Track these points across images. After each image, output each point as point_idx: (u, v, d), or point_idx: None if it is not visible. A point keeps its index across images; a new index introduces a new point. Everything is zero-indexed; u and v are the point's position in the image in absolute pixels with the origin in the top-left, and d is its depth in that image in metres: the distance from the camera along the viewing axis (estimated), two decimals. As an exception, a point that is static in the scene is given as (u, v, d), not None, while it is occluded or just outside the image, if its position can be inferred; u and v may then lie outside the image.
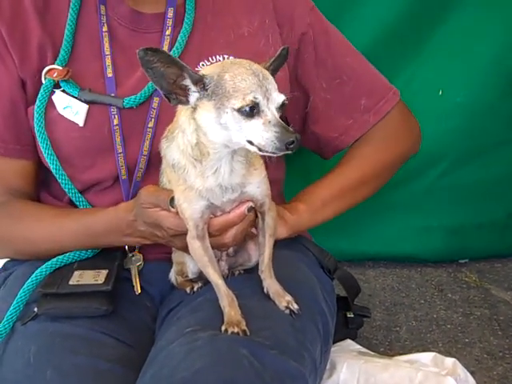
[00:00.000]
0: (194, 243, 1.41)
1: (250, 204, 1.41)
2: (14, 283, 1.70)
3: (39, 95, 1.67)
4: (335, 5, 2.46)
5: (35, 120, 1.66)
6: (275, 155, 1.28)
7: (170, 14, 1.72)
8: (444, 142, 2.72)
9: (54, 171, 1.69)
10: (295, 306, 1.45)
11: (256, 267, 1.53)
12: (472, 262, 2.94)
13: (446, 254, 2.93)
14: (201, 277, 1.59)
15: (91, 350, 1.48)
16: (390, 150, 1.96)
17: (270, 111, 1.25)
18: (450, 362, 1.97)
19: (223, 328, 1.35)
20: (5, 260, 1.87)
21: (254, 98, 1.24)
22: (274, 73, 1.35)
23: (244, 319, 1.37)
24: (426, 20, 2.57)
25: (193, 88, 1.30)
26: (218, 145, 1.33)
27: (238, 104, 1.24)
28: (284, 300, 1.46)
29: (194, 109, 1.32)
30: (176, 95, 1.31)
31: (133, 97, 1.65)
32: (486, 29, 2.56)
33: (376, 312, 2.52)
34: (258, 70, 1.28)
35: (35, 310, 1.56)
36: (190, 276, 1.61)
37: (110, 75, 1.68)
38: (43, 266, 1.64)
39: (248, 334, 1.34)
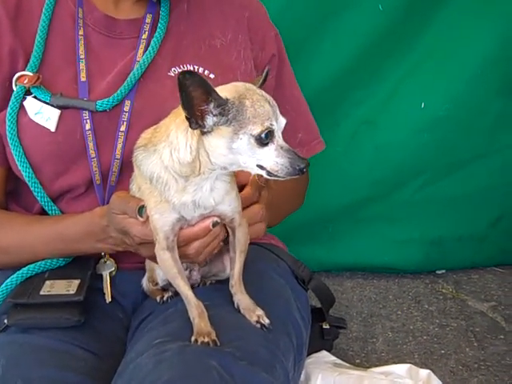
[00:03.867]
0: (163, 254, 1.40)
1: (216, 219, 1.40)
2: None
3: (10, 102, 1.65)
4: (318, 16, 2.51)
5: (7, 127, 1.64)
6: (283, 179, 1.30)
7: (148, 19, 1.73)
8: (424, 154, 2.75)
9: (26, 179, 1.66)
10: (266, 321, 1.44)
11: (227, 278, 1.52)
12: (449, 272, 2.97)
13: (424, 264, 2.95)
14: (171, 284, 1.57)
15: (61, 362, 1.46)
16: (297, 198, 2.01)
17: (280, 136, 1.29)
18: (424, 373, 1.98)
19: (193, 338, 1.34)
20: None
21: (271, 124, 1.27)
22: None
23: (214, 330, 1.36)
24: (409, 33, 2.60)
25: (214, 111, 1.28)
26: (216, 166, 1.32)
27: (256, 130, 1.26)
28: (255, 315, 1.45)
29: (205, 132, 1.30)
30: (195, 119, 1.28)
31: (105, 100, 1.64)
32: (468, 43, 2.60)
33: (353, 323, 2.54)
34: (267, 95, 1.31)
35: (5, 321, 1.54)
36: (160, 283, 1.60)
37: (83, 79, 1.67)
38: (13, 276, 1.62)
39: (218, 344, 1.33)
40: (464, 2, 2.55)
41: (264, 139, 1.26)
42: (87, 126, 1.63)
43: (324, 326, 2.01)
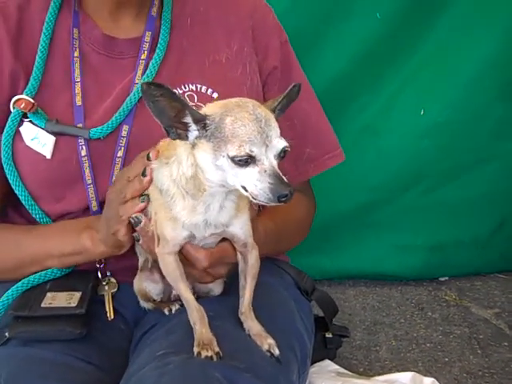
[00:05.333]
0: (167, 257, 1.39)
1: None
2: None
3: (7, 126, 1.63)
4: (317, 25, 2.51)
5: (2, 152, 1.63)
6: (267, 205, 1.25)
7: (147, 38, 1.69)
8: (425, 160, 2.76)
9: (24, 202, 1.66)
10: (276, 352, 1.40)
11: (232, 289, 1.52)
12: (452, 279, 2.97)
13: (427, 271, 2.95)
14: (165, 299, 1.59)
15: (63, 376, 1.45)
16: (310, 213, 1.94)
17: (268, 160, 1.22)
18: (428, 381, 1.97)
19: (196, 350, 1.32)
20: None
21: (250, 150, 1.21)
22: (281, 112, 1.32)
23: (215, 337, 1.35)
24: (407, 40, 2.61)
25: (193, 126, 1.27)
26: (214, 184, 1.31)
27: (232, 152, 1.22)
28: (266, 343, 1.41)
29: (193, 145, 1.29)
30: (176, 129, 1.28)
31: (99, 127, 1.61)
32: (467, 48, 2.61)
33: (356, 331, 2.52)
34: (261, 114, 1.24)
35: (6, 334, 1.52)
36: (156, 298, 1.58)
37: (78, 104, 1.64)
38: (13, 288, 1.61)
39: (221, 355, 1.31)
40: (462, 9, 2.56)
41: (243, 163, 1.22)
42: (83, 153, 1.62)
43: (327, 335, 2.00)
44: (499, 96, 2.69)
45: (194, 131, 1.27)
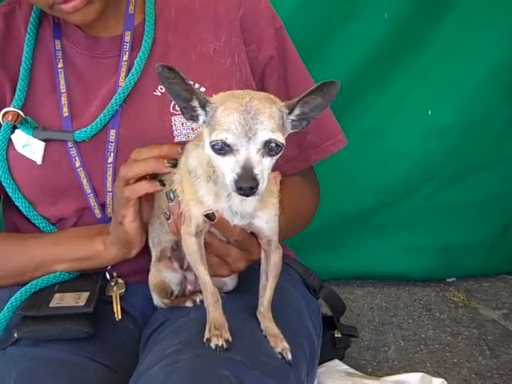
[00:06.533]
0: (188, 239, 1.39)
1: None
2: None
3: None
4: (325, 25, 2.50)
5: None
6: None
7: (127, 37, 1.65)
8: (433, 162, 2.74)
9: (22, 209, 1.67)
10: (289, 357, 1.39)
11: (243, 286, 1.53)
12: (460, 280, 2.96)
13: (434, 272, 2.93)
14: (183, 292, 1.58)
15: (73, 375, 1.45)
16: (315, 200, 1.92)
17: (247, 151, 1.21)
18: (437, 382, 1.96)
19: (206, 335, 1.32)
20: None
21: (225, 138, 1.21)
22: (305, 105, 1.27)
23: (227, 321, 1.35)
24: (415, 41, 2.59)
25: (199, 110, 1.29)
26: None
27: (211, 138, 1.23)
28: (280, 345, 1.40)
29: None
30: (190, 111, 1.30)
31: (83, 130, 1.60)
32: (475, 49, 2.58)
33: (364, 332, 2.52)
34: (254, 107, 1.22)
35: (15, 335, 1.53)
36: (174, 288, 1.57)
37: (65, 114, 1.63)
38: (22, 289, 1.61)
39: (230, 340, 1.32)
40: (470, 10, 2.54)
41: (219, 150, 1.22)
42: (75, 157, 1.62)
43: (336, 335, 2.00)
44: (507, 98, 2.67)
45: (201, 115, 1.29)
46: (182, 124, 1.63)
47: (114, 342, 1.60)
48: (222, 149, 1.22)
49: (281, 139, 1.23)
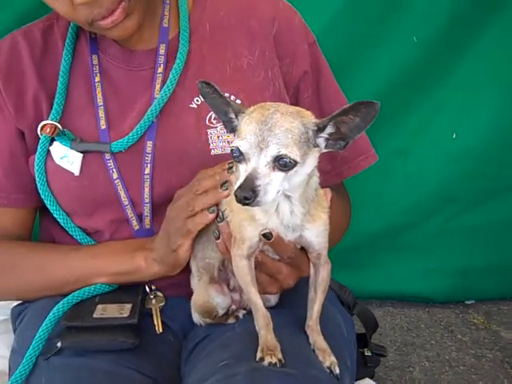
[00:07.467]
0: (240, 261, 1.39)
1: None
2: (32, 317, 1.67)
3: (37, 152, 1.66)
4: (355, 45, 2.53)
5: (36, 173, 1.66)
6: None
7: (162, 50, 1.68)
8: (455, 184, 2.77)
9: (59, 220, 1.69)
10: (337, 371, 1.39)
11: (284, 301, 1.53)
12: (478, 303, 2.96)
13: (453, 294, 2.94)
14: (227, 312, 1.58)
15: None
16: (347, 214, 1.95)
17: (257, 162, 1.20)
18: (468, 403, 1.95)
19: (259, 356, 1.33)
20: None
21: (239, 145, 1.22)
22: (343, 125, 1.25)
23: (279, 343, 1.35)
24: (442, 64, 2.62)
25: (236, 121, 1.30)
26: None
27: (232, 144, 1.25)
28: (329, 359, 1.40)
29: None
30: (230, 123, 1.32)
31: (120, 140, 1.62)
32: (501, 74, 2.62)
33: (388, 352, 2.50)
34: (271, 119, 1.21)
35: (58, 345, 1.53)
36: (221, 312, 1.56)
37: (103, 127, 1.66)
38: (64, 300, 1.61)
39: (283, 361, 1.32)
40: (497, 35, 2.57)
41: (234, 156, 1.24)
42: (112, 169, 1.63)
43: (366, 353, 2.00)
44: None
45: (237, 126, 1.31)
46: (218, 137, 1.64)
47: (156, 354, 1.60)
48: (238, 156, 1.23)
49: (294, 155, 1.20)
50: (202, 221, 1.47)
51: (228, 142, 1.63)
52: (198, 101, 1.66)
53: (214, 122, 1.64)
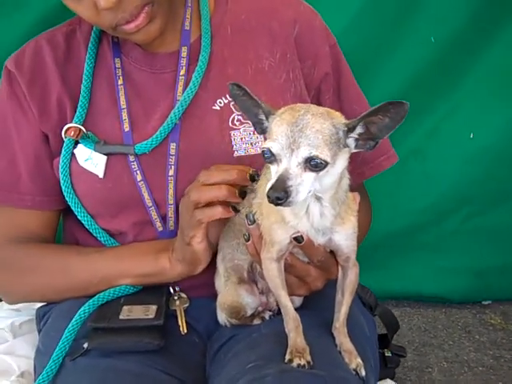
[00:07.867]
0: (269, 264, 1.39)
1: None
2: (57, 318, 1.69)
3: (62, 155, 1.68)
4: (373, 46, 2.54)
5: (61, 175, 1.68)
6: None
7: (184, 53, 1.69)
8: (472, 184, 2.76)
9: (83, 221, 1.71)
10: (363, 373, 1.39)
11: (313, 302, 1.53)
12: (495, 303, 2.95)
13: (470, 295, 2.94)
14: (253, 313, 1.58)
15: None
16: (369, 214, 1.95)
17: (288, 163, 1.21)
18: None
19: (287, 357, 1.33)
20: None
21: (271, 146, 1.22)
22: (372, 125, 1.26)
23: (308, 346, 1.36)
24: (460, 64, 2.62)
25: (266, 123, 1.31)
26: None
27: (263, 145, 1.25)
28: (355, 361, 1.41)
29: None
30: (260, 125, 1.32)
31: (144, 142, 1.63)
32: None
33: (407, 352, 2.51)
34: (304, 121, 1.22)
35: (85, 345, 1.54)
36: (249, 312, 1.57)
37: (126, 130, 1.67)
38: (90, 302, 1.63)
39: (312, 363, 1.33)
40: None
41: (266, 157, 1.24)
42: (136, 171, 1.64)
43: (386, 354, 2.01)
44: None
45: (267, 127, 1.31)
46: (241, 139, 1.65)
47: (181, 355, 1.61)
48: (270, 157, 1.23)
49: (325, 156, 1.20)
50: (213, 213, 1.47)
51: (251, 143, 1.65)
52: (220, 103, 1.67)
53: (237, 123, 1.65)
